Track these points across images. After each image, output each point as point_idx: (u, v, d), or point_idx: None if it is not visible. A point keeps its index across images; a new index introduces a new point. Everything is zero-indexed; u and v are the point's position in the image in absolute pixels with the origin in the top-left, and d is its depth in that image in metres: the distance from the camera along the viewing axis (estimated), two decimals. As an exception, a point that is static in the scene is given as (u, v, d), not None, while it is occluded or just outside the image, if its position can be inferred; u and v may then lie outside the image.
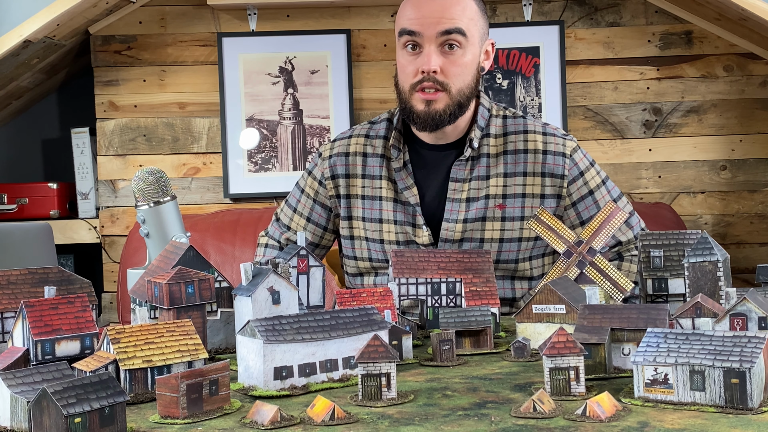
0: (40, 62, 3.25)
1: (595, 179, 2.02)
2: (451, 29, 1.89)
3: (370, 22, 3.43)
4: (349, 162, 2.08)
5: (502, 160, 2.00)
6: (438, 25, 1.89)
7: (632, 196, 3.43)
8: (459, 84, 1.93)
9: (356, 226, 2.07)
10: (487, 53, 2.01)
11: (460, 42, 1.91)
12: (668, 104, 3.43)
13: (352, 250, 2.09)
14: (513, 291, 2.04)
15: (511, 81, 3.40)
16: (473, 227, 1.98)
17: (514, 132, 2.02)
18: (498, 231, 1.99)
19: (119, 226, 3.42)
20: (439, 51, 1.90)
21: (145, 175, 1.70)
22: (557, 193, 1.99)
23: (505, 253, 2.00)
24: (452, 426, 1.02)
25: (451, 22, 1.89)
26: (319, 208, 2.12)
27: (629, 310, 1.27)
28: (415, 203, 2.00)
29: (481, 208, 1.99)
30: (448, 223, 1.99)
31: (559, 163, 1.99)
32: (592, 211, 1.99)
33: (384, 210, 2.03)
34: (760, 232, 3.44)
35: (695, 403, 1.06)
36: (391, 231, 2.02)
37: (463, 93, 1.94)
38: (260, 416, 1.05)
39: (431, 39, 1.90)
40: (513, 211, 1.99)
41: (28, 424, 1.01)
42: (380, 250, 2.05)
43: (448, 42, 1.90)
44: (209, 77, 3.43)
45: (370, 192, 2.05)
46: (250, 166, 3.40)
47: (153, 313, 1.42)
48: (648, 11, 3.42)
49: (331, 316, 1.25)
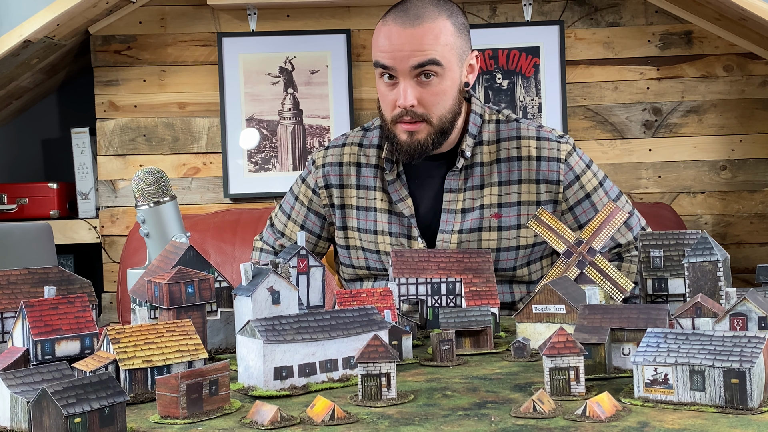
0: (40, 62, 3.25)
1: (592, 182, 2.00)
2: (424, 62, 1.83)
3: (370, 22, 3.42)
4: (342, 172, 2.06)
5: (495, 168, 1.98)
6: (410, 58, 1.82)
7: (632, 196, 3.43)
8: (439, 111, 1.88)
9: (352, 236, 2.06)
10: (471, 67, 1.95)
11: (436, 71, 1.84)
12: (668, 104, 3.43)
13: (348, 258, 2.08)
14: (512, 295, 2.04)
15: (511, 81, 3.40)
16: (469, 238, 1.97)
17: (507, 138, 1.99)
18: (495, 241, 1.97)
19: (119, 226, 3.42)
20: (415, 83, 1.85)
21: (145, 175, 1.70)
22: (553, 198, 1.97)
23: (502, 261, 1.99)
24: (452, 426, 1.02)
25: (424, 55, 1.82)
26: (313, 216, 2.11)
27: (629, 310, 1.27)
28: (410, 215, 1.99)
29: (477, 218, 1.97)
30: (444, 234, 1.98)
31: (553, 169, 1.96)
32: (589, 215, 1.97)
33: (379, 222, 2.02)
34: (760, 232, 3.44)
35: (695, 403, 1.06)
36: (386, 243, 2.01)
37: (445, 119, 1.90)
38: (260, 416, 1.05)
39: (405, 73, 1.84)
40: (509, 220, 1.97)
41: (28, 424, 1.01)
42: (377, 260, 2.04)
43: (423, 73, 1.84)
44: (209, 77, 3.43)
45: (364, 203, 2.04)
46: (250, 166, 3.40)
47: (153, 313, 1.42)
48: (648, 11, 3.42)
49: (331, 316, 1.25)
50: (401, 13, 1.86)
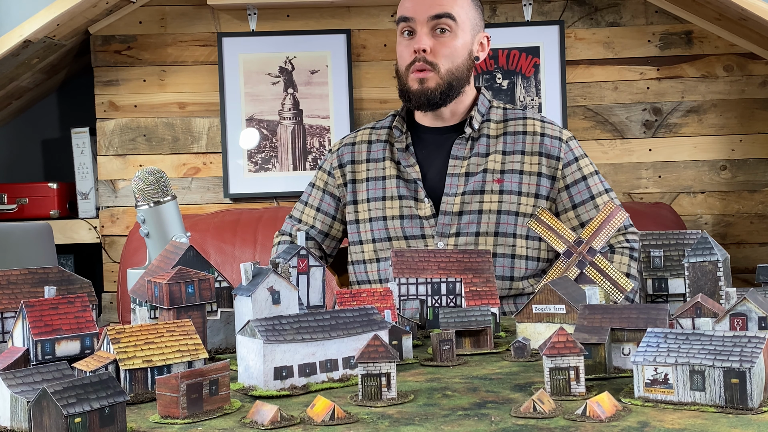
0: (40, 62, 3.25)
1: (589, 167, 2.14)
2: (441, 14, 2.06)
3: (370, 22, 3.43)
4: (354, 150, 2.22)
5: (501, 140, 2.13)
6: (429, 9, 2.06)
7: (632, 196, 3.43)
8: (447, 65, 2.07)
9: (361, 209, 2.16)
10: (482, 45, 2.16)
11: (450, 26, 2.07)
12: (668, 104, 3.43)
13: (357, 234, 2.17)
14: (512, 270, 2.08)
15: (511, 81, 3.40)
16: (471, 199, 2.08)
17: (513, 118, 2.17)
18: (496, 203, 2.07)
19: (119, 226, 3.42)
20: (430, 34, 2.07)
21: (145, 175, 1.70)
22: (552, 174, 2.10)
23: (503, 225, 2.07)
24: (452, 426, 1.02)
25: (441, 8, 2.06)
26: (328, 197, 2.23)
27: (629, 310, 1.27)
28: (417, 178, 2.12)
29: (479, 181, 2.09)
30: (448, 197, 2.09)
31: (555, 146, 2.11)
32: (584, 196, 2.10)
33: (387, 188, 2.14)
34: (760, 232, 3.44)
35: (695, 403, 1.06)
36: (395, 206, 2.12)
37: (453, 74, 2.08)
38: (260, 416, 1.04)
39: (423, 23, 2.06)
40: (510, 185, 2.08)
41: (28, 424, 1.01)
42: (383, 228, 2.12)
43: (438, 26, 2.06)
44: (209, 77, 3.43)
45: (374, 174, 2.18)
46: (250, 166, 3.40)
47: (153, 313, 1.42)
48: (648, 11, 3.42)
49: (331, 316, 1.25)
50: None
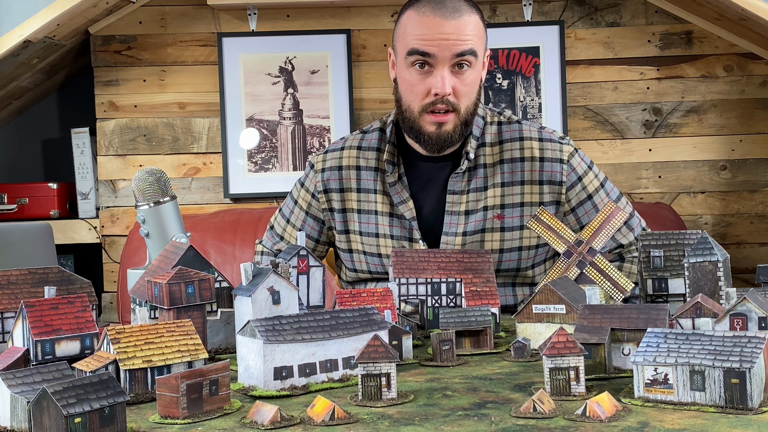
0: (40, 62, 3.25)
1: (594, 183, 2.02)
2: (466, 51, 1.87)
3: (370, 22, 3.42)
4: (342, 176, 2.06)
5: (498, 169, 1.99)
6: (453, 47, 1.86)
7: (632, 196, 3.43)
8: (467, 102, 1.92)
9: (354, 240, 2.06)
10: (484, 64, 2.00)
11: (470, 62, 1.90)
12: (668, 104, 3.43)
13: (351, 262, 2.08)
14: (515, 297, 2.03)
15: (511, 81, 3.40)
16: (473, 239, 1.98)
17: (509, 140, 2.01)
18: (498, 242, 1.98)
19: (119, 226, 3.42)
20: (450, 72, 1.88)
21: (145, 175, 1.70)
22: (556, 199, 1.99)
23: (505, 262, 1.99)
24: (452, 426, 1.02)
25: (465, 44, 1.87)
26: (311, 220, 2.11)
27: (629, 310, 1.27)
28: (411, 218, 1.99)
29: (480, 219, 1.98)
30: (448, 237, 1.98)
31: (556, 170, 1.98)
32: (591, 216, 1.98)
33: (380, 225, 2.02)
34: (760, 232, 3.44)
35: (695, 403, 1.06)
36: (387, 246, 2.01)
37: (470, 111, 1.94)
38: (260, 416, 1.05)
39: (445, 61, 1.87)
40: (512, 221, 1.98)
41: (28, 424, 1.01)
42: (379, 264, 2.04)
43: (459, 63, 1.89)
44: (209, 77, 3.43)
45: (365, 206, 2.04)
46: (250, 166, 3.40)
47: (153, 313, 1.42)
48: (648, 11, 3.42)
49: (331, 316, 1.25)
50: (438, 5, 1.89)
